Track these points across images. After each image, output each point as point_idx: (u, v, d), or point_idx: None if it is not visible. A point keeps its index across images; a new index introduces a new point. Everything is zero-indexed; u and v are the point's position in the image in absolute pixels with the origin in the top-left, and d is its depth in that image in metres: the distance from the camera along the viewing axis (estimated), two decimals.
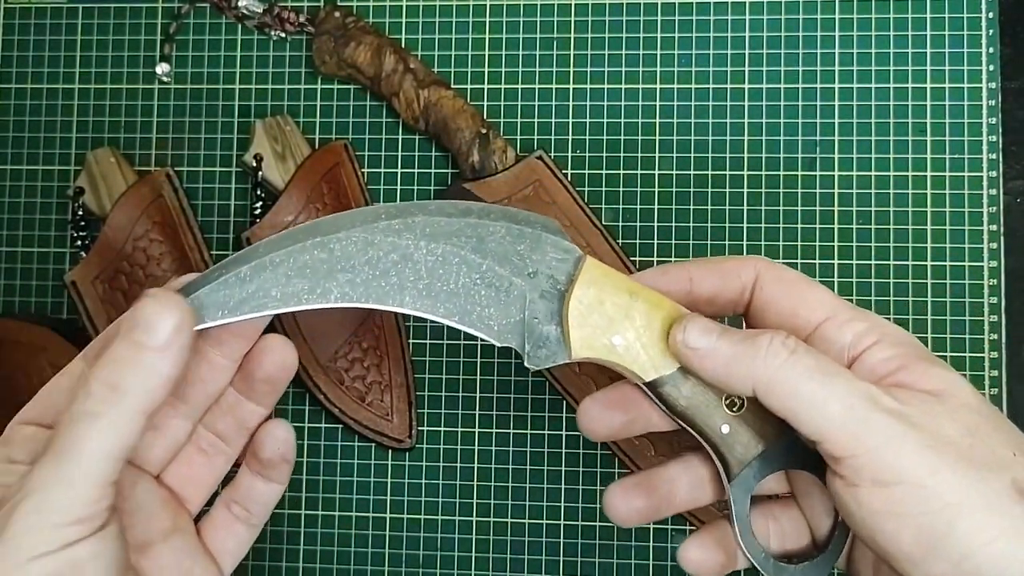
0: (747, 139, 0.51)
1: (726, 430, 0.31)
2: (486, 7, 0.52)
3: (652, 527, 0.49)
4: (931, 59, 0.50)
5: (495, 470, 0.50)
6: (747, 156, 0.50)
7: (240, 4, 0.53)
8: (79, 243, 0.51)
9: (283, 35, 0.53)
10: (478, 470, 0.50)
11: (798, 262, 0.50)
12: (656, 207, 0.51)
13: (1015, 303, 0.49)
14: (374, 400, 0.50)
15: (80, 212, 0.51)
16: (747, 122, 0.51)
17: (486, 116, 0.51)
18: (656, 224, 0.51)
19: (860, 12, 0.51)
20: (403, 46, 0.52)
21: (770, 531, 0.33)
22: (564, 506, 0.50)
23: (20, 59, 0.54)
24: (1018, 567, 0.26)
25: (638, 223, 0.51)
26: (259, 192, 0.50)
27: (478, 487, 0.50)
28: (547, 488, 0.50)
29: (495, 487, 0.50)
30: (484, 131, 0.50)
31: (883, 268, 0.49)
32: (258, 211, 0.50)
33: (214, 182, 0.53)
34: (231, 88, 0.53)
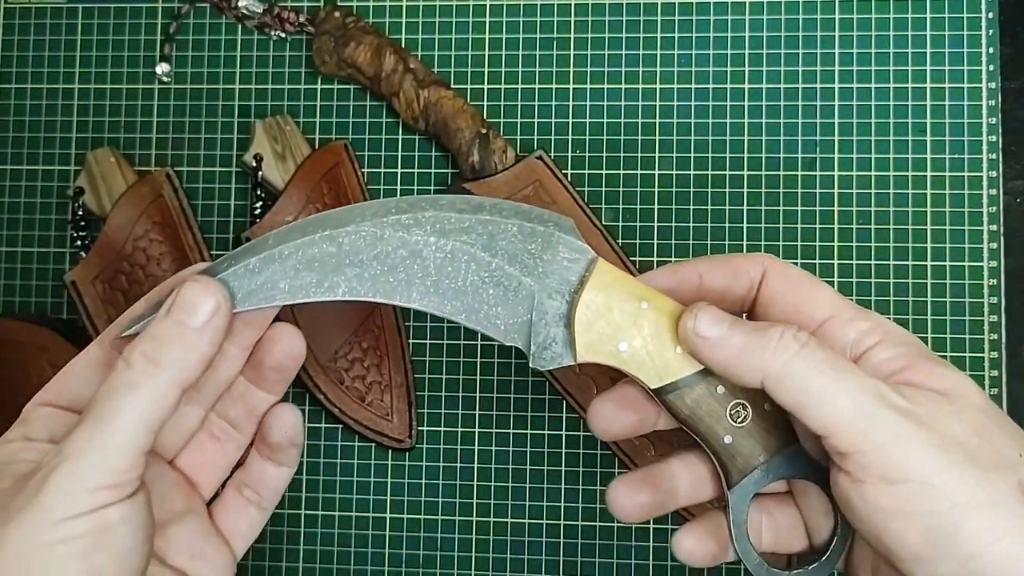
0: (747, 139, 0.50)
1: (728, 440, 0.31)
2: (486, 7, 0.52)
3: (652, 527, 0.49)
4: (931, 59, 0.50)
5: (495, 470, 0.50)
6: (747, 156, 0.50)
7: (240, 4, 0.52)
8: (79, 243, 0.51)
9: (283, 35, 0.53)
10: (478, 470, 0.50)
11: (798, 262, 0.49)
12: (656, 207, 0.51)
13: (1015, 303, 0.49)
14: (374, 400, 0.50)
15: (80, 212, 0.51)
16: (747, 122, 0.51)
17: (486, 116, 0.51)
18: (656, 224, 0.51)
19: (860, 12, 0.51)
20: (403, 46, 0.52)
21: (763, 526, 0.33)
22: (564, 506, 0.50)
23: (20, 59, 0.54)
24: (1023, 567, 0.26)
25: (638, 223, 0.51)
26: (259, 192, 0.50)
27: (478, 487, 0.50)
28: (547, 488, 0.50)
29: (495, 487, 0.50)
30: (484, 131, 0.50)
31: (883, 268, 0.49)
32: (258, 211, 0.50)
33: (214, 182, 0.53)
34: (231, 88, 0.53)
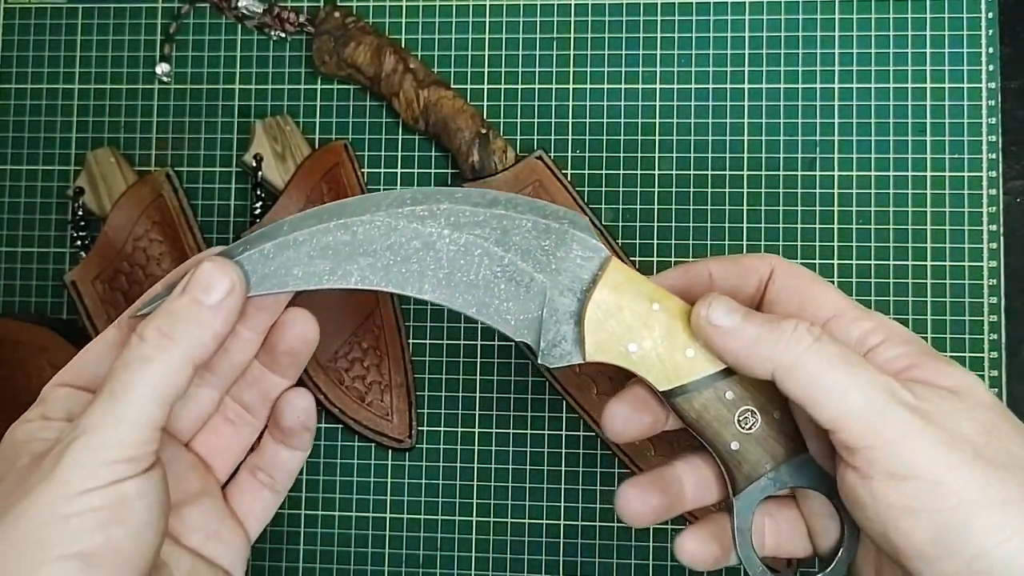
0: (747, 139, 0.50)
1: (735, 446, 0.30)
2: (486, 7, 0.52)
3: (652, 527, 0.49)
4: (931, 59, 0.50)
5: (495, 470, 0.50)
6: (747, 156, 0.50)
7: (240, 4, 0.52)
8: (79, 243, 0.51)
9: (283, 35, 0.53)
10: (478, 470, 0.50)
11: (798, 262, 0.49)
12: (656, 207, 0.51)
13: (1015, 303, 0.49)
14: (374, 400, 0.50)
15: (80, 212, 0.51)
16: (747, 122, 0.51)
17: (486, 116, 0.51)
18: (656, 224, 0.51)
19: (860, 12, 0.51)
20: (403, 46, 0.52)
21: (766, 528, 0.33)
22: (564, 506, 0.50)
23: (20, 59, 0.54)
24: None
25: (638, 223, 0.51)
26: (259, 192, 0.50)
27: (478, 487, 0.50)
28: (547, 488, 0.50)
29: (495, 487, 0.50)
30: (484, 131, 0.50)
31: (883, 268, 0.49)
32: (258, 211, 0.50)
33: (214, 182, 0.53)
34: (231, 88, 0.53)
